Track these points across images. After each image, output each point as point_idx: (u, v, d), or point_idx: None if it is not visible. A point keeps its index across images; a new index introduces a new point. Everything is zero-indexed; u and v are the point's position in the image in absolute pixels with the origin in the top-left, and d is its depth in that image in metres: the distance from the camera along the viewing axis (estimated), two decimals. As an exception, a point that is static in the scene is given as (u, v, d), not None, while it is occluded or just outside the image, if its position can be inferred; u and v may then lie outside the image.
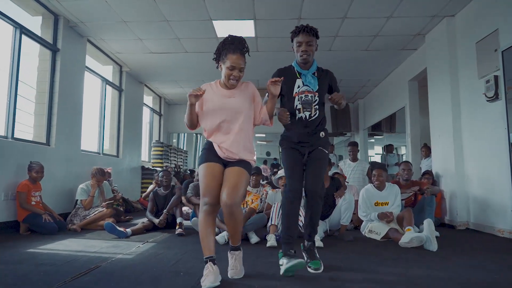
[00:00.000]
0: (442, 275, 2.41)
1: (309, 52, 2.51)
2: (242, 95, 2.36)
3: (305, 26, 2.53)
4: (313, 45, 2.53)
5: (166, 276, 2.37)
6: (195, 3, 4.69)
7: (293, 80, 2.58)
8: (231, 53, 2.28)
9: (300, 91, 2.57)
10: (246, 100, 2.37)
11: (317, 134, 2.59)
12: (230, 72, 2.30)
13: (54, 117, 5.11)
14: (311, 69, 2.57)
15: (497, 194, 4.15)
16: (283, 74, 2.56)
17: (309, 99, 2.55)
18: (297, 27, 2.57)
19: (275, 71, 2.65)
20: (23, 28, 4.50)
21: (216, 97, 2.35)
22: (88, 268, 2.51)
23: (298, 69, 2.58)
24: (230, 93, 2.36)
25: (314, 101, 2.56)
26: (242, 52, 2.31)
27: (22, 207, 4.09)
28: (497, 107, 4.11)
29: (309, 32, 2.50)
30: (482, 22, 4.39)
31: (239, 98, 2.35)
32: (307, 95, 2.55)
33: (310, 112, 2.56)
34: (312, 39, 2.52)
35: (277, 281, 2.25)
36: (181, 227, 4.15)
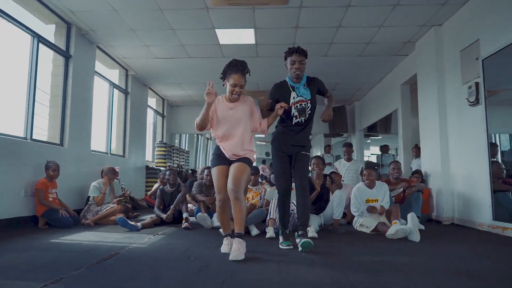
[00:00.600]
0: (422, 262, 2.74)
1: (301, 69, 3.10)
2: (242, 108, 2.95)
3: (297, 48, 3.10)
4: (304, 63, 3.11)
5: (179, 260, 2.72)
6: (199, 13, 5.04)
7: (288, 93, 3.17)
8: (234, 73, 2.88)
9: (295, 101, 3.16)
10: (246, 112, 2.95)
11: (307, 135, 3.20)
12: (233, 88, 2.89)
13: (67, 119, 5.45)
14: (302, 82, 3.18)
15: (478, 191, 4.51)
16: (279, 88, 3.19)
17: (304, 106, 3.14)
18: (290, 48, 3.13)
19: (272, 86, 3.24)
20: (40, 37, 4.84)
21: (222, 109, 2.95)
22: (108, 254, 2.85)
23: (291, 83, 3.16)
24: (232, 106, 2.96)
25: (308, 107, 3.15)
26: (243, 72, 2.89)
27: (41, 203, 4.44)
28: (478, 111, 4.47)
29: (301, 53, 3.08)
30: (466, 32, 4.75)
31: (239, 110, 2.93)
32: (301, 104, 3.14)
33: (305, 117, 3.16)
34: (303, 58, 3.09)
35: (276, 263, 2.59)
36: (187, 221, 4.50)
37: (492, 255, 3.04)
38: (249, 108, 2.99)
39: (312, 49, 6.23)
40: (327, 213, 4.34)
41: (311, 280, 2.19)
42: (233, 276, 2.26)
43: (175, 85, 8.84)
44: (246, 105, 2.98)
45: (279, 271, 2.40)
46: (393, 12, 4.97)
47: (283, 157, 3.23)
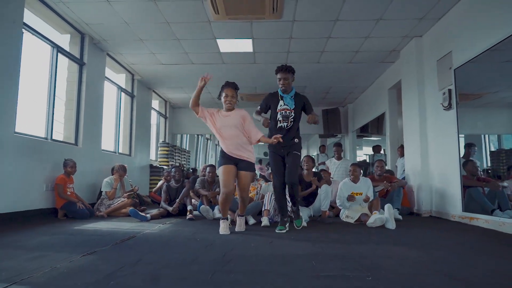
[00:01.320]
0: (394, 246, 3.28)
1: (286, 84, 3.86)
2: (235, 115, 3.75)
3: (282, 67, 3.85)
4: (288, 79, 3.86)
5: (187, 241, 3.25)
6: (202, 26, 5.57)
7: (277, 101, 3.94)
8: (226, 88, 3.78)
9: (281, 108, 3.88)
10: (238, 118, 3.72)
11: (293, 139, 3.80)
12: (225, 98, 3.74)
13: (81, 121, 5.98)
14: (290, 94, 3.86)
15: (451, 185, 5.05)
16: (272, 97, 3.94)
17: (287, 114, 3.84)
18: (278, 67, 3.84)
19: (267, 95, 3.97)
20: (59, 48, 5.37)
21: (220, 118, 3.76)
22: (128, 236, 3.38)
23: (281, 94, 3.86)
24: (227, 114, 3.75)
25: (290, 116, 3.83)
26: (233, 87, 3.73)
27: (60, 196, 4.96)
28: (451, 115, 5.01)
29: (285, 70, 3.84)
30: (441, 44, 5.29)
31: (233, 117, 3.73)
32: (286, 112, 3.84)
33: (287, 123, 3.84)
34: (288, 75, 3.79)
35: (268, 242, 3.13)
36: (191, 213, 5.03)
37: (448, 236, 3.57)
38: (241, 116, 3.72)
39: (305, 56, 6.80)
40: (316, 205, 4.87)
41: (296, 253, 2.72)
42: (233, 250, 2.80)
43: (177, 88, 9.37)
44: (239, 114, 3.73)
45: (271, 247, 2.94)
46: (377, 26, 5.51)
47: (276, 156, 3.93)
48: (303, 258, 2.56)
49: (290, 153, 3.86)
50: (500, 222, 4.06)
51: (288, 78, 3.84)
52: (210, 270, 2.17)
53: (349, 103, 10.84)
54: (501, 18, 3.97)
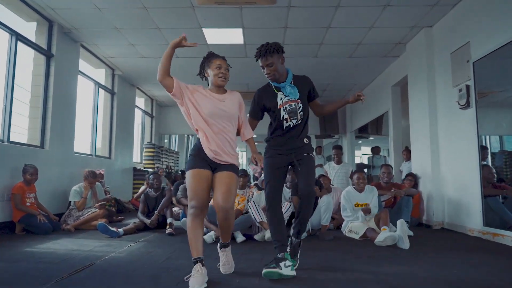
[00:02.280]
0: (410, 272, 2.64)
1: (272, 73, 2.64)
2: (231, 100, 2.56)
3: (261, 49, 2.63)
4: (274, 64, 2.61)
5: (156, 272, 2.58)
6: (185, 12, 4.90)
7: (273, 96, 2.73)
8: (215, 58, 2.56)
9: (283, 102, 2.70)
10: (235, 106, 2.57)
11: (301, 139, 2.74)
12: (218, 70, 2.50)
13: (48, 120, 5.27)
14: (287, 80, 2.70)
15: (468, 195, 4.43)
16: (263, 93, 2.77)
17: (294, 107, 2.69)
18: (257, 50, 2.66)
19: (255, 94, 2.82)
20: (19, 35, 4.66)
21: (211, 100, 2.49)
22: (83, 266, 2.71)
23: (276, 84, 2.72)
24: (222, 97, 2.53)
25: (298, 108, 2.70)
26: (224, 58, 2.59)
27: (18, 208, 4.26)
28: (468, 114, 4.40)
29: (265, 54, 2.60)
30: (456, 34, 4.67)
31: (230, 102, 2.54)
32: (291, 104, 2.69)
33: (296, 119, 2.70)
34: (272, 59, 2.60)
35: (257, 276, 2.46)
36: (171, 227, 4.36)
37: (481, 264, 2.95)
38: (239, 103, 2.61)
39: (301, 49, 6.14)
40: (315, 218, 4.22)
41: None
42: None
43: (163, 85, 8.66)
44: (236, 99, 2.60)
45: (260, 283, 2.27)
46: (383, 13, 4.88)
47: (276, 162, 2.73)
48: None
49: (302, 157, 2.71)
50: (533, 241, 3.44)
51: (273, 63, 2.61)
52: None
53: (347, 102, 10.21)
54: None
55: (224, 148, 2.47)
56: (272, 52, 2.60)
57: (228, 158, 2.49)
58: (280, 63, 2.66)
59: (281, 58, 2.66)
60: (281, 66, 2.66)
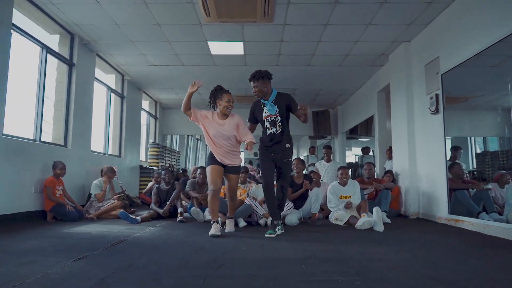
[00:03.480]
0: (382, 249, 3.34)
1: (258, 92, 3.76)
2: (230, 123, 3.78)
3: (253, 75, 3.75)
4: (259, 87, 3.73)
5: (178, 244, 3.26)
6: (193, 28, 5.58)
7: (261, 109, 3.90)
8: (225, 93, 3.83)
9: (266, 115, 3.86)
10: (233, 127, 3.81)
11: (283, 144, 3.79)
12: (227, 104, 3.78)
13: (70, 122, 5.93)
14: (270, 99, 3.80)
15: (437, 188, 5.16)
16: (255, 106, 3.99)
17: (273, 119, 3.80)
18: (250, 76, 3.78)
19: (253, 103, 4.00)
20: (48, 48, 5.32)
21: (214, 125, 3.81)
22: (118, 240, 3.38)
23: (263, 101, 3.86)
24: (223, 122, 3.81)
25: (277, 120, 3.81)
26: (229, 92, 3.82)
27: (50, 198, 4.92)
28: (438, 119, 5.11)
29: (254, 79, 3.74)
30: (429, 49, 5.39)
31: (228, 126, 3.80)
32: (271, 117, 3.81)
33: (276, 128, 3.83)
34: (257, 83, 3.73)
35: (259, 246, 3.16)
36: (182, 215, 5.03)
37: (434, 240, 3.65)
38: (235, 125, 3.80)
39: (296, 59, 6.86)
40: (306, 208, 4.92)
41: (287, 257, 2.76)
42: (224, 254, 2.82)
43: (168, 89, 9.34)
44: (233, 122, 3.80)
45: (262, 251, 2.97)
46: (366, 30, 5.59)
47: (266, 156, 3.92)
48: (293, 262, 2.60)
49: (282, 161, 3.85)
50: (484, 225, 4.16)
51: (258, 86, 3.74)
52: (201, 275, 2.20)
53: (338, 105, 10.94)
54: (488, 25, 4.06)
55: (227, 156, 3.86)
56: (258, 78, 3.74)
57: (231, 162, 3.89)
58: (264, 86, 3.74)
59: (266, 82, 3.75)
60: (265, 88, 3.76)
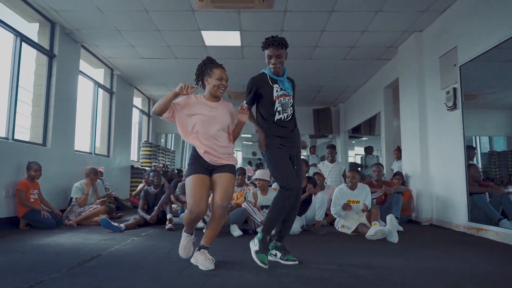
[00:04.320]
0: (397, 263, 2.84)
1: (278, 65, 2.74)
2: (223, 109, 2.71)
3: (273, 40, 2.71)
4: (282, 57, 2.74)
5: (161, 262, 2.75)
6: (185, 15, 5.07)
7: (269, 86, 2.78)
8: (216, 67, 2.67)
9: (279, 95, 2.78)
10: (226, 113, 2.71)
11: (295, 132, 2.87)
12: (219, 82, 2.64)
13: (50, 119, 5.40)
14: (285, 76, 2.83)
15: (455, 192, 4.66)
16: (258, 82, 2.80)
17: (287, 101, 2.81)
18: (267, 40, 2.74)
19: (249, 80, 2.84)
20: (23, 36, 4.80)
21: (203, 109, 2.64)
22: (91, 256, 2.87)
23: (274, 76, 2.80)
24: (213, 105, 2.68)
25: (290, 103, 2.82)
26: (223, 67, 2.72)
27: (22, 204, 4.40)
28: (455, 116, 4.62)
29: (278, 45, 2.69)
30: (444, 39, 4.90)
31: (221, 111, 2.69)
32: (285, 98, 2.79)
33: (287, 113, 2.81)
34: (281, 51, 2.72)
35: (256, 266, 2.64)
36: (171, 222, 4.52)
37: (464, 256, 3.16)
38: (229, 112, 2.75)
39: (297, 51, 6.34)
40: (309, 214, 4.42)
41: (289, 282, 2.25)
42: (213, 279, 2.31)
43: (161, 85, 8.82)
44: (227, 109, 2.75)
45: (259, 273, 2.46)
46: (375, 18, 5.09)
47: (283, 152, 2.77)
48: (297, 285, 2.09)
49: (298, 158, 2.90)
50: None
51: (282, 56, 2.74)
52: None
53: (341, 103, 10.44)
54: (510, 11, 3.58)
55: (221, 152, 2.64)
56: (284, 45, 2.72)
57: (223, 160, 2.65)
58: (285, 57, 2.79)
59: (286, 54, 2.80)
60: (284, 61, 2.79)
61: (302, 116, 10.65)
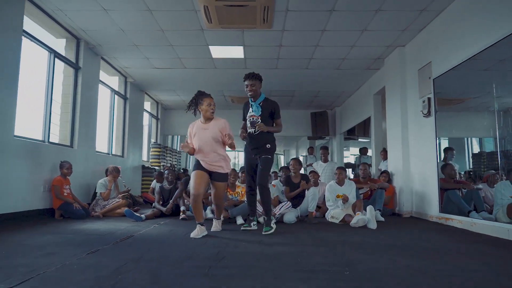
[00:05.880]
0: (374, 242, 3.56)
1: (252, 91, 4.01)
2: (213, 127, 3.81)
3: (250, 74, 4.02)
4: (255, 85, 4.01)
5: (183, 239, 3.48)
6: (196, 33, 5.80)
7: (248, 108, 4.15)
8: (205, 97, 3.85)
9: (250, 115, 4.08)
10: (216, 131, 3.80)
11: (263, 145, 3.98)
12: (208, 107, 3.80)
13: (77, 123, 6.15)
14: (257, 101, 4.06)
15: (429, 188, 5.38)
16: (245, 105, 4.23)
17: (254, 120, 4.02)
18: (246, 75, 4.05)
19: (244, 103, 4.28)
20: (56, 53, 5.54)
21: (198, 130, 3.84)
22: (126, 236, 3.60)
23: (251, 101, 4.11)
24: (206, 127, 3.82)
25: (257, 121, 4.01)
26: (210, 96, 3.86)
27: (57, 197, 5.14)
28: (430, 122, 5.34)
29: (252, 78, 4.01)
30: (422, 54, 5.62)
31: (211, 130, 3.80)
32: (253, 118, 4.03)
33: (254, 129, 4.01)
34: (255, 82, 4.00)
35: (258, 242, 3.38)
36: (184, 213, 5.25)
37: (423, 236, 3.88)
38: (219, 128, 3.78)
39: (294, 62, 7.08)
40: (303, 206, 5.15)
41: (283, 251, 2.98)
42: (226, 248, 3.04)
43: (170, 91, 9.56)
44: (216, 126, 3.80)
45: (260, 246, 3.19)
46: (362, 36, 5.81)
47: (248, 157, 4.16)
48: (289, 255, 2.82)
49: (260, 157, 4.00)
50: (471, 223, 4.39)
51: (255, 85, 4.00)
52: (206, 265, 2.42)
53: (336, 107, 11.17)
54: (478, 30, 4.26)
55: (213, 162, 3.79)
56: (256, 78, 4.03)
57: (215, 168, 3.82)
58: (259, 87, 4.00)
59: (260, 84, 4.03)
60: (258, 89, 4.01)
61: (300, 119, 11.46)
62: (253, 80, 3.99)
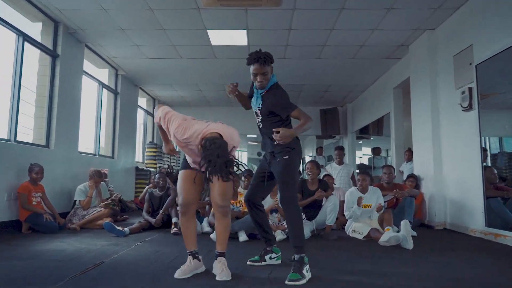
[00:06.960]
0: (414, 272, 2.69)
1: (264, 82, 2.63)
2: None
3: (258, 57, 2.58)
4: (267, 74, 2.62)
5: (165, 271, 2.61)
6: (190, 13, 4.94)
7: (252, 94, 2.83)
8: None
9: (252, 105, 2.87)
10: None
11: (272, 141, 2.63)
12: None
13: (54, 120, 5.31)
14: (261, 91, 2.71)
15: (470, 196, 4.49)
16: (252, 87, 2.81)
17: (256, 112, 2.79)
18: (250, 56, 2.62)
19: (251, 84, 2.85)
20: (26, 36, 4.70)
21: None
22: (93, 264, 2.74)
23: (254, 88, 2.76)
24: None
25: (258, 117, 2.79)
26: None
27: (24, 207, 4.29)
28: (471, 116, 4.45)
29: (262, 62, 2.57)
30: (459, 37, 4.73)
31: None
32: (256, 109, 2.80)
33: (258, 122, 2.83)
34: (266, 68, 2.60)
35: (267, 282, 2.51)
36: (176, 226, 4.39)
37: (484, 263, 3.00)
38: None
39: (304, 51, 6.20)
40: (320, 219, 4.27)
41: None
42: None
43: (166, 85, 8.71)
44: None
45: (270, 283, 2.32)
46: (386, 16, 4.93)
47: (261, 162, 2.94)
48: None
49: (274, 159, 2.70)
50: (535, 242, 3.49)
51: (267, 73, 2.62)
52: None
53: (348, 103, 10.27)
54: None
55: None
56: (267, 63, 2.59)
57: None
58: (270, 73, 2.66)
59: (271, 70, 2.67)
60: (269, 77, 2.66)
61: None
62: (263, 65, 2.57)
